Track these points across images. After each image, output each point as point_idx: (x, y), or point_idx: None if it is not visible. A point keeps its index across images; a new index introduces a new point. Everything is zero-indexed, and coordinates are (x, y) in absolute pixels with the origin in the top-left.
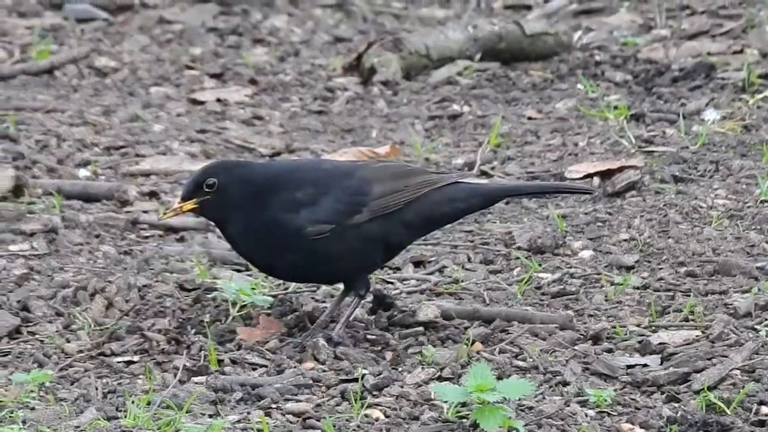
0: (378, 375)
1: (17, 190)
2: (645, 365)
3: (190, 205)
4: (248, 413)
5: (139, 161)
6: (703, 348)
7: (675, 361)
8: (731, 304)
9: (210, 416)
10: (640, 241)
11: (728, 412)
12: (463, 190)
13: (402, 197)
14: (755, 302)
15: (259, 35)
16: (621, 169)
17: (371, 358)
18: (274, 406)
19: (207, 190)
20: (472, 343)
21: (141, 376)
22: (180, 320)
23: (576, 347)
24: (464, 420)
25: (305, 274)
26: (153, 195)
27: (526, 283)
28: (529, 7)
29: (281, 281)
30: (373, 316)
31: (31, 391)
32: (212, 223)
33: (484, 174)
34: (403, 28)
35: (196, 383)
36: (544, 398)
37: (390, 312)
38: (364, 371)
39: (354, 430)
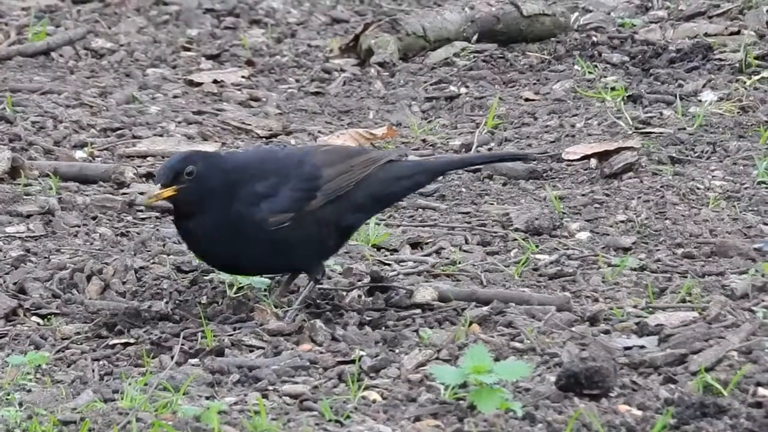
0: (375, 357)
1: (14, 172)
2: (642, 347)
3: (169, 191)
4: (245, 395)
5: (136, 143)
6: (701, 329)
7: (672, 343)
8: (728, 286)
9: (207, 398)
10: (637, 222)
11: (725, 393)
12: (407, 167)
13: (350, 178)
14: (752, 283)
15: (256, 16)
16: (618, 151)
17: (368, 340)
18: (271, 388)
19: (186, 177)
20: (470, 325)
21: (138, 359)
22: (177, 302)
23: (573, 329)
24: (461, 401)
25: (268, 265)
26: (150, 176)
27: (523, 264)
28: None
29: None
30: (371, 298)
31: (28, 374)
32: (175, 212)
33: None
34: (400, 9)
35: (193, 365)
36: (541, 380)
37: (387, 293)
38: (362, 353)
39: (351, 411)
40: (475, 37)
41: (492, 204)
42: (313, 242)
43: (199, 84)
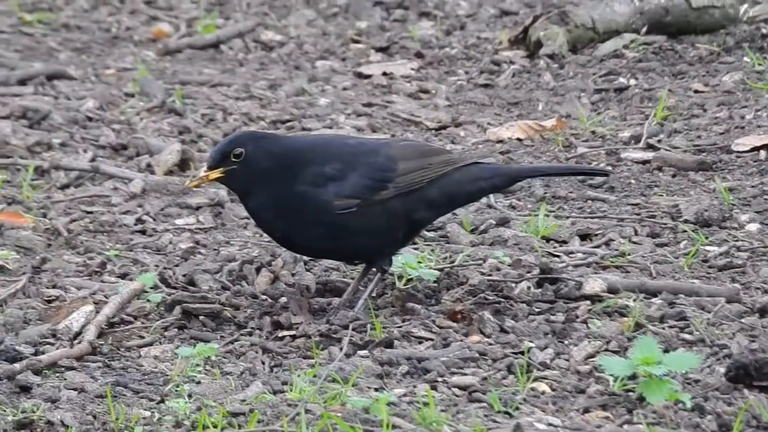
0: (544, 348)
1: (183, 164)
2: None
3: (216, 174)
4: (414, 387)
5: (306, 135)
6: None
7: None
8: None
9: (376, 390)
10: None
11: None
12: (486, 170)
13: (426, 175)
14: None
15: (425, 8)
16: None
17: (537, 332)
18: (440, 379)
19: (234, 159)
20: (638, 316)
21: (307, 350)
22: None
23: (743, 320)
24: (631, 393)
25: (329, 248)
26: None
27: (692, 256)
28: None
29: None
30: (540, 289)
31: (197, 365)
32: (235, 193)
33: (650, 147)
34: (569, 1)
35: (362, 357)
36: (711, 371)
37: (556, 285)
38: (531, 344)
39: (520, 403)
40: (644, 29)
41: (661, 195)
42: (380, 232)
43: (369, 76)
